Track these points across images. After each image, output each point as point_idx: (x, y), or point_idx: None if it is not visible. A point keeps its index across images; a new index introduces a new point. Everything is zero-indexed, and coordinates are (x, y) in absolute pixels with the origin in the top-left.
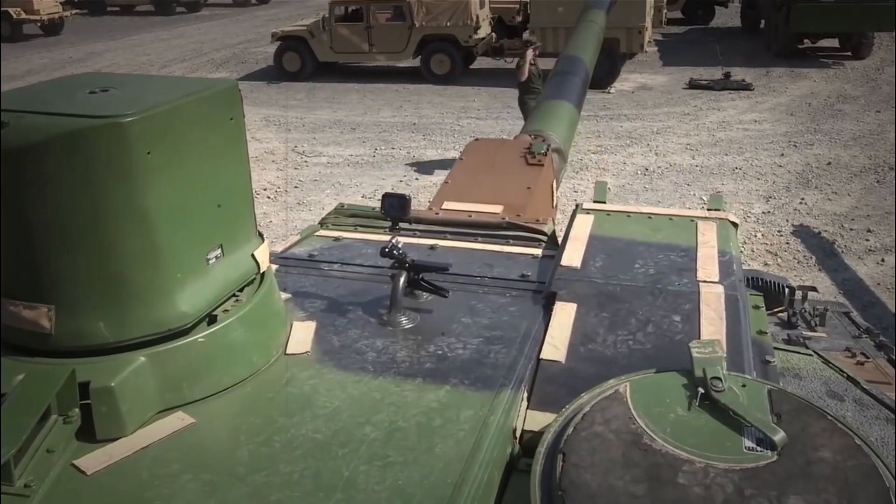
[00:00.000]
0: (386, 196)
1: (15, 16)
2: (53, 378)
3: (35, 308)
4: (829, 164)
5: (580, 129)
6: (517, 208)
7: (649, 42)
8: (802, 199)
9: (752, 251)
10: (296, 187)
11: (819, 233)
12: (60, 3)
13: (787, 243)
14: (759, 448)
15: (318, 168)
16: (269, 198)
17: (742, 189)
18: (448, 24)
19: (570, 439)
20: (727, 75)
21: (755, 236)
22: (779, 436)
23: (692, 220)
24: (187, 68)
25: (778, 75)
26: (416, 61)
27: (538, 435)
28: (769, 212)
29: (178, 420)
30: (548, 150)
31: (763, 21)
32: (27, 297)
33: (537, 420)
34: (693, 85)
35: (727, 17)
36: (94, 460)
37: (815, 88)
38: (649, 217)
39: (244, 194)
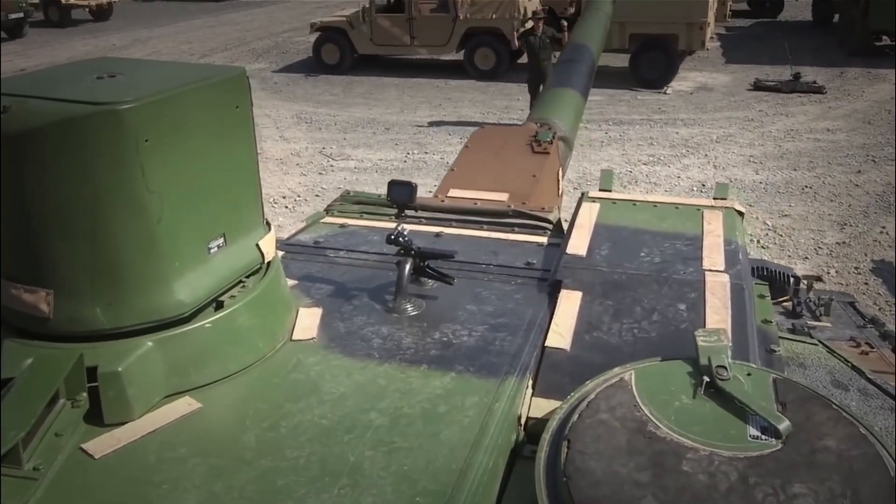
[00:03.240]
0: (392, 183)
1: (64, 1)
2: (61, 362)
3: (34, 292)
4: None
5: (630, 136)
6: (523, 196)
7: (711, 38)
8: (883, 227)
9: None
10: (317, 195)
11: None
12: None
13: (867, 283)
14: (763, 436)
15: (343, 174)
16: (287, 208)
17: (812, 213)
18: (494, 16)
19: (575, 426)
20: (797, 76)
21: (828, 273)
22: (783, 424)
23: (698, 209)
24: (227, 58)
25: (853, 76)
26: (459, 55)
27: (543, 422)
28: (844, 242)
29: (185, 405)
30: (554, 138)
31: (837, 15)
32: (27, 280)
33: (542, 407)
34: (758, 86)
35: (797, 9)
36: (102, 444)
37: None
38: (655, 206)
39: (250, 183)
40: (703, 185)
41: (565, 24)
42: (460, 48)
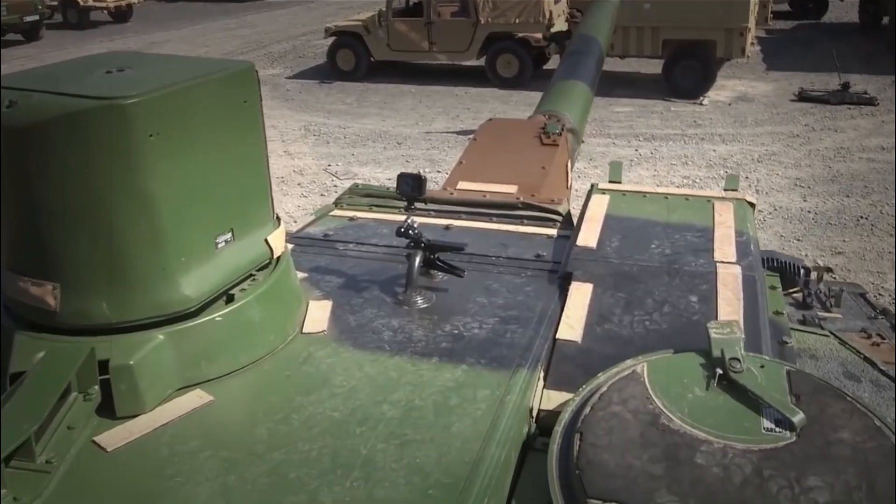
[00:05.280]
0: (401, 176)
1: (82, 3)
2: (73, 356)
3: (41, 285)
4: None
5: (663, 154)
6: (532, 188)
7: (752, 44)
8: None
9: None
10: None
11: None
12: None
13: None
14: (777, 429)
15: None
16: None
17: (870, 249)
18: (517, 20)
19: (588, 419)
20: (845, 86)
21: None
22: (798, 417)
23: (709, 201)
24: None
25: None
26: (480, 61)
27: (554, 414)
28: None
29: (196, 398)
30: (562, 130)
31: (886, 18)
32: (34, 273)
33: (553, 399)
34: (803, 97)
35: (842, 10)
36: (114, 437)
37: None
38: (665, 197)
39: (259, 178)
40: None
41: None
42: (481, 54)
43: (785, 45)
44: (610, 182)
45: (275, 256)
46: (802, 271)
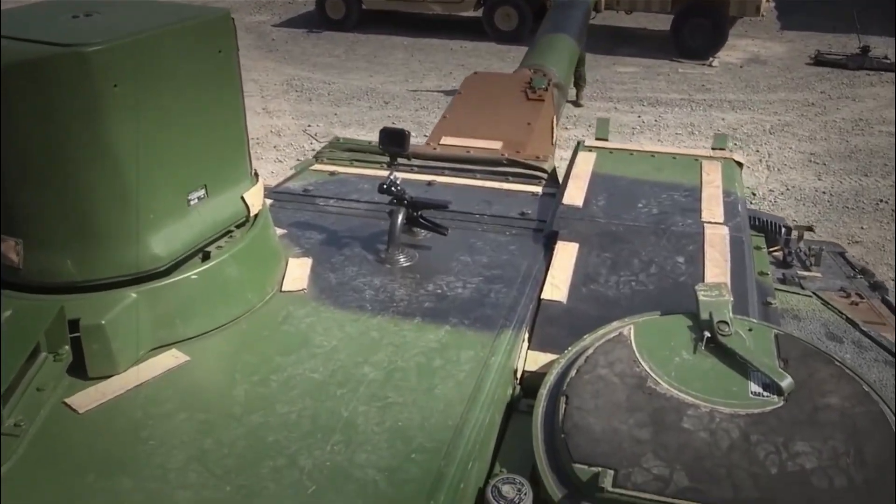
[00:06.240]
0: (384, 131)
1: None
2: (41, 315)
3: (5, 240)
4: None
5: (668, 121)
6: (517, 144)
7: (767, 1)
8: None
9: None
10: None
11: None
12: None
13: None
14: (765, 393)
15: None
16: None
17: (891, 238)
18: None
19: (574, 382)
20: (865, 49)
21: None
22: (786, 381)
23: (696, 160)
24: (227, 6)
25: None
26: (477, 13)
27: (539, 376)
28: None
29: (171, 358)
30: (548, 85)
31: None
32: None
33: (538, 361)
34: (820, 60)
35: None
36: (87, 398)
37: None
38: (652, 156)
39: (235, 132)
40: (753, 195)
41: None
42: (479, 6)
43: (800, 3)
44: (597, 139)
45: (251, 214)
46: (783, 230)
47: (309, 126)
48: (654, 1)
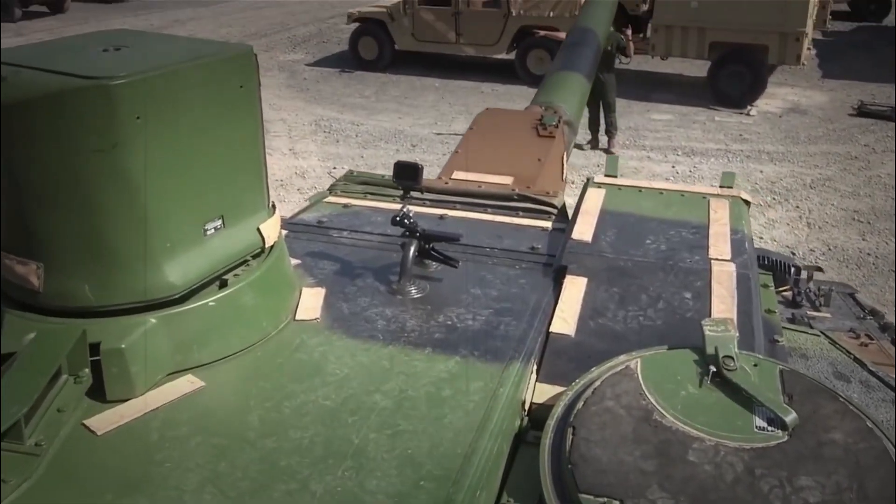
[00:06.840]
0: (398, 164)
1: None
2: (64, 338)
3: (26, 264)
4: None
5: (703, 172)
6: (527, 180)
7: (808, 48)
8: None
9: None
10: None
11: None
12: None
13: None
14: (770, 428)
15: None
16: None
17: None
18: (551, 14)
19: (581, 413)
20: None
21: None
22: (790, 416)
23: (704, 197)
24: (263, 45)
25: None
26: (510, 56)
27: (547, 408)
28: None
29: (187, 383)
30: (559, 122)
31: None
32: (20, 252)
33: (546, 393)
34: (863, 111)
35: None
36: (105, 421)
37: None
38: (661, 193)
39: (253, 165)
40: (792, 253)
41: (629, 32)
42: (511, 48)
43: (843, 50)
44: (606, 176)
45: (267, 246)
46: (793, 270)
47: (334, 168)
48: (691, 47)
